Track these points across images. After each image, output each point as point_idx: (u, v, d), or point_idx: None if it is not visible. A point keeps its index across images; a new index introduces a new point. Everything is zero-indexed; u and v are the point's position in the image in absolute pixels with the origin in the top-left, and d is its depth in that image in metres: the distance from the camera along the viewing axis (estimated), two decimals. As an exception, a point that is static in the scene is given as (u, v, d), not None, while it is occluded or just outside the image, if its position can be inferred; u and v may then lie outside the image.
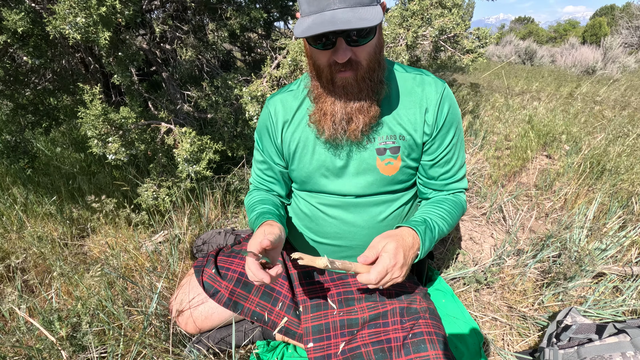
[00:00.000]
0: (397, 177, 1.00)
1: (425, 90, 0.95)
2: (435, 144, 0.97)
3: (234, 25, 2.01)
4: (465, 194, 1.07)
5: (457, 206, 1.01)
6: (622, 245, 1.69)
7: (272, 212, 1.01)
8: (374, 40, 0.81)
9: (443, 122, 0.95)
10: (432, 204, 1.00)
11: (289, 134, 1.02)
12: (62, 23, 1.22)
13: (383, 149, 0.96)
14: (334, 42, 0.77)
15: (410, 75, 0.97)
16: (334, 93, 0.87)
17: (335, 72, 0.83)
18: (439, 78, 0.99)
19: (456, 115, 0.99)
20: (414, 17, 2.08)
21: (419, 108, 0.95)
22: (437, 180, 1.02)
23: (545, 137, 3.13)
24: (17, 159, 1.84)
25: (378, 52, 0.85)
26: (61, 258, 1.58)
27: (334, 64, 0.81)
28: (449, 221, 0.96)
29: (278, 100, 1.04)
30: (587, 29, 26.37)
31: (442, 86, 0.96)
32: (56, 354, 1.07)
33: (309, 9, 0.75)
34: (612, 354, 1.05)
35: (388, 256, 0.79)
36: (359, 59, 0.81)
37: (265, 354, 1.19)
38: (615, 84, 6.41)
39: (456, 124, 0.99)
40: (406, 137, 0.96)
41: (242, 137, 2.09)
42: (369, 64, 0.83)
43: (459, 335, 1.28)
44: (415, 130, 0.95)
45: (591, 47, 10.08)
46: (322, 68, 0.84)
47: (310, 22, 0.73)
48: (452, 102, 0.98)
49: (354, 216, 1.03)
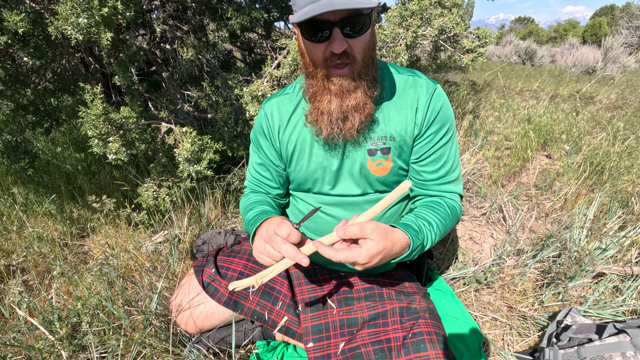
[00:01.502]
0: (389, 179, 1.00)
1: (417, 91, 0.95)
2: (423, 141, 0.97)
3: (234, 26, 2.01)
4: (460, 201, 1.04)
5: (450, 216, 0.97)
6: (622, 245, 1.69)
7: (275, 214, 0.99)
8: (367, 35, 0.82)
9: (433, 120, 0.95)
10: (430, 209, 0.96)
11: (286, 137, 1.02)
12: (64, 24, 1.22)
13: (374, 149, 0.96)
14: (330, 34, 0.78)
15: (403, 77, 0.97)
16: (330, 91, 0.86)
17: (331, 68, 0.83)
18: (431, 79, 0.98)
19: (447, 115, 0.97)
20: (413, 17, 2.08)
21: (410, 109, 0.94)
22: (428, 181, 1.00)
23: (545, 137, 3.13)
24: (17, 158, 1.84)
25: (372, 49, 0.85)
26: (61, 258, 1.58)
27: (330, 57, 0.81)
28: (440, 233, 0.94)
29: (274, 104, 1.04)
30: (587, 29, 26.36)
31: (433, 87, 0.96)
32: (56, 353, 1.07)
33: (305, 0, 0.76)
34: (612, 354, 1.05)
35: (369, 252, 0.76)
36: (354, 52, 0.81)
37: (265, 354, 1.19)
38: (615, 83, 6.41)
39: (447, 124, 0.97)
40: (397, 137, 0.95)
41: (243, 137, 2.09)
42: (364, 58, 0.83)
43: (459, 335, 1.28)
44: (406, 131, 0.95)
45: (591, 47, 10.07)
46: (318, 63, 0.84)
47: (308, 9, 0.74)
48: (444, 102, 0.97)
49: (351, 214, 1.03)
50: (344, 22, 0.76)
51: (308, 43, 0.82)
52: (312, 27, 0.78)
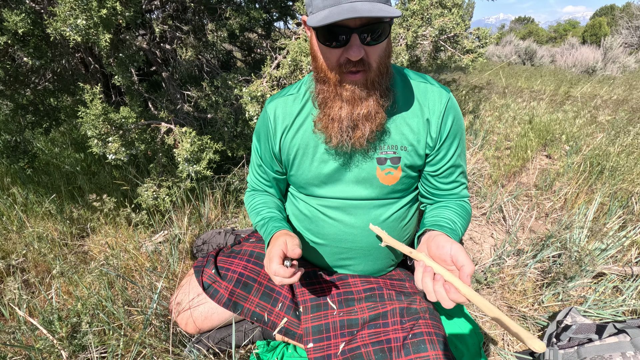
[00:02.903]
0: (397, 187, 0.99)
1: (429, 100, 0.93)
2: (439, 155, 0.96)
3: (233, 25, 2.01)
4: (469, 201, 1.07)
5: (468, 215, 1.01)
6: (622, 245, 1.69)
7: (281, 219, 1.03)
8: (385, 43, 0.80)
9: (447, 134, 0.94)
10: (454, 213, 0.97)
11: (288, 139, 1.00)
12: (62, 25, 1.22)
13: (384, 158, 0.94)
14: (347, 40, 0.75)
15: (414, 83, 0.95)
16: (341, 97, 0.84)
17: (345, 74, 0.81)
18: (443, 87, 0.96)
19: (460, 126, 0.97)
20: (414, 17, 2.08)
21: (422, 118, 0.93)
22: (442, 190, 1.02)
23: (545, 137, 3.13)
24: (17, 158, 1.84)
25: (387, 57, 0.83)
26: (61, 258, 1.58)
27: (345, 63, 0.79)
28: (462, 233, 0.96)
29: (277, 105, 1.02)
30: (587, 29, 26.36)
31: (446, 96, 0.94)
32: (56, 353, 1.07)
33: (324, 3, 0.73)
34: (612, 354, 1.05)
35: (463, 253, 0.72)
36: (370, 60, 0.79)
37: (265, 354, 1.19)
38: (615, 83, 6.41)
39: (460, 135, 0.98)
40: (408, 147, 0.94)
41: (242, 137, 2.09)
42: (379, 66, 0.81)
43: (459, 335, 1.28)
44: (418, 141, 0.94)
45: (591, 47, 10.07)
46: (332, 68, 0.81)
47: (327, 13, 0.71)
48: (457, 113, 0.96)
49: (354, 218, 1.02)
50: (364, 29, 0.74)
51: (323, 47, 0.80)
52: (329, 32, 0.75)
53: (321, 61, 0.83)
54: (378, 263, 1.12)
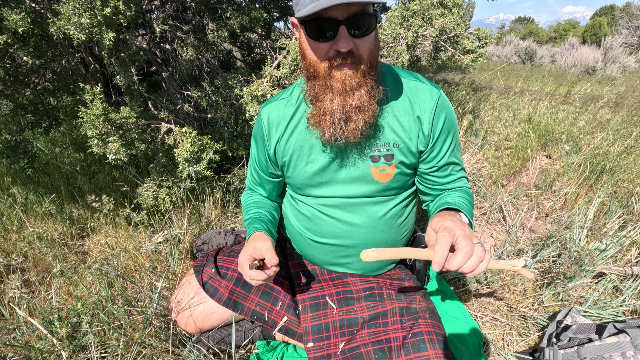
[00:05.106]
0: (392, 185, 1.00)
1: (420, 98, 0.93)
2: (433, 152, 0.97)
3: (234, 25, 2.01)
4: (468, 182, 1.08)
5: (471, 199, 1.02)
6: (622, 245, 1.69)
7: (264, 220, 1.06)
8: (372, 37, 0.81)
9: (440, 131, 0.94)
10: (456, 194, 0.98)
11: (283, 143, 1.01)
12: (66, 23, 1.22)
13: (377, 156, 0.95)
14: (335, 33, 0.76)
15: (405, 81, 0.96)
16: (332, 89, 0.84)
17: (335, 67, 0.81)
18: (433, 84, 0.97)
19: (452, 123, 0.98)
20: (414, 17, 2.08)
21: (412, 115, 0.93)
22: (441, 185, 1.02)
23: (545, 137, 3.13)
24: (17, 158, 1.84)
25: (376, 50, 0.84)
26: (61, 257, 1.58)
27: (334, 56, 0.80)
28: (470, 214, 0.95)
29: (271, 110, 1.03)
30: (587, 29, 26.37)
31: (437, 94, 0.94)
32: (56, 353, 1.07)
33: None
34: (612, 354, 1.05)
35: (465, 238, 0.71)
36: (361, 52, 0.80)
37: (265, 354, 1.19)
38: (615, 83, 6.41)
39: (453, 131, 0.98)
40: (400, 144, 0.95)
41: (242, 137, 2.09)
42: (370, 58, 0.82)
43: (459, 335, 1.28)
44: (410, 138, 0.94)
45: (591, 47, 10.08)
46: (320, 62, 0.82)
47: (315, 4, 0.72)
48: (448, 110, 0.96)
49: (352, 215, 1.03)
50: (351, 21, 0.75)
51: (312, 42, 0.81)
52: (317, 26, 0.76)
53: (310, 56, 0.83)
54: (377, 261, 1.12)
